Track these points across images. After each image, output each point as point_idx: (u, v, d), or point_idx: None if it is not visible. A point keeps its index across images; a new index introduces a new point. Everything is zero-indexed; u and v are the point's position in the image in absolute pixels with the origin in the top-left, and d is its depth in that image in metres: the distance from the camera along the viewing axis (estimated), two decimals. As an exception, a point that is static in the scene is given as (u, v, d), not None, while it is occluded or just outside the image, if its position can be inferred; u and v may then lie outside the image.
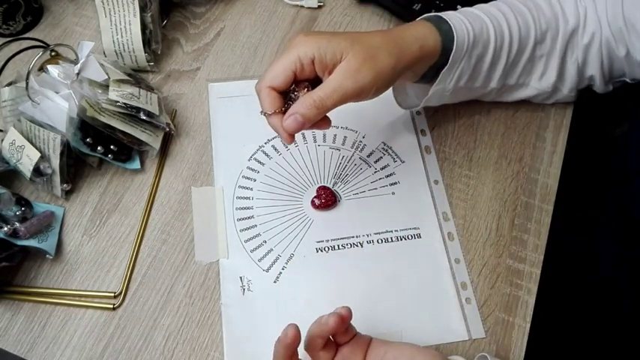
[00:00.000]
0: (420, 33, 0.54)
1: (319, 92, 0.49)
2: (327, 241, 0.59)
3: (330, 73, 0.50)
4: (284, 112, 0.50)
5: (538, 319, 0.56)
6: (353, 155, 0.65)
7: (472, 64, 0.57)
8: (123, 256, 0.58)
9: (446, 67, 0.56)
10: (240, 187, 0.62)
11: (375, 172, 0.64)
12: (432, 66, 0.56)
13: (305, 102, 0.49)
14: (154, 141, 0.61)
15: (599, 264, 0.75)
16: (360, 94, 0.50)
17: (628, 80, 0.62)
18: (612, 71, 0.62)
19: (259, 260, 0.58)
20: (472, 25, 0.55)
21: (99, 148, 0.59)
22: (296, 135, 0.50)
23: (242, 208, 0.61)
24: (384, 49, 0.51)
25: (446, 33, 0.54)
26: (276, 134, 0.51)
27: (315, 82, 0.51)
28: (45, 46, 0.68)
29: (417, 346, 0.48)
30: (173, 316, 0.55)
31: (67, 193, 0.61)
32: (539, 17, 0.59)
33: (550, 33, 0.60)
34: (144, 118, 0.59)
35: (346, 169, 0.64)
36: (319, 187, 0.62)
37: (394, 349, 0.47)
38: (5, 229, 0.53)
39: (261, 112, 0.51)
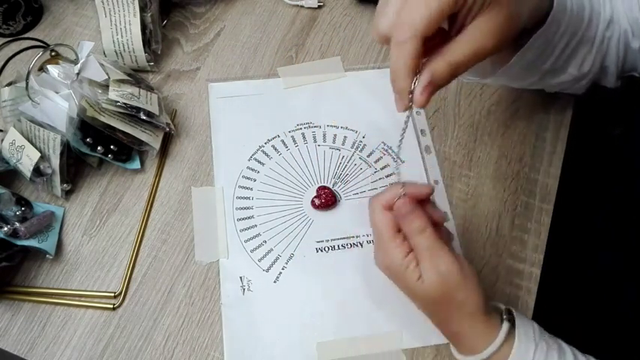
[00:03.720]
0: None
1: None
2: (327, 241, 0.59)
3: None
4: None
5: (538, 318, 0.56)
6: (353, 155, 0.65)
7: (552, 31, 0.54)
8: (123, 256, 0.58)
9: (548, 19, 0.51)
10: (240, 187, 0.62)
11: (375, 172, 0.64)
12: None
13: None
14: (154, 141, 0.61)
15: (598, 264, 0.76)
16: None
17: (636, 75, 0.61)
18: (625, 65, 0.61)
19: (259, 260, 0.58)
20: None
21: (99, 148, 0.59)
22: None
23: (242, 208, 0.61)
24: None
25: None
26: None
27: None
28: (45, 46, 0.68)
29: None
30: (173, 316, 0.55)
31: (67, 193, 0.61)
32: None
33: (595, 15, 0.58)
34: (144, 118, 0.59)
35: (346, 169, 0.64)
36: (319, 187, 0.62)
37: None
38: (5, 229, 0.53)
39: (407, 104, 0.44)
